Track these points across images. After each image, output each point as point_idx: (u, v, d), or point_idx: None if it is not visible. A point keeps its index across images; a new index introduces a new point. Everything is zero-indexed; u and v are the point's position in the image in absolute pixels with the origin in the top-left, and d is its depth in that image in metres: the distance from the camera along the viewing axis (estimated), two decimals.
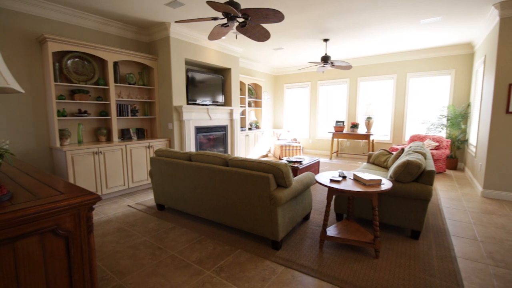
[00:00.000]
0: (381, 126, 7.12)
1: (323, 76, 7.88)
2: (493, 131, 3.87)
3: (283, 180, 2.38)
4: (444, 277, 2.05)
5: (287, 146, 7.13)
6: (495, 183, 3.92)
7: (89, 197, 1.28)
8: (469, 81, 5.85)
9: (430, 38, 5.29)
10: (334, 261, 2.27)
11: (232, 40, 5.35)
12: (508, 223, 3.04)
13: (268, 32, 3.34)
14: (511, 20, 3.64)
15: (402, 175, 2.58)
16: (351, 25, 4.48)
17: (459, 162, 5.98)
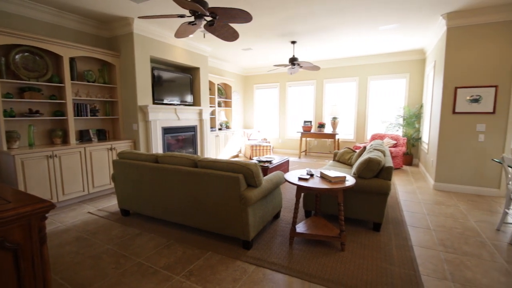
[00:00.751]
0: (345, 126, 7.49)
1: (292, 77, 8.08)
2: (442, 129, 4.28)
3: (253, 180, 2.39)
4: (403, 264, 2.22)
5: (257, 146, 7.19)
6: (445, 177, 4.34)
7: (40, 205, 1.17)
8: (421, 84, 6.40)
9: (388, 44, 5.69)
10: (303, 256, 2.34)
11: (201, 39, 5.25)
12: (455, 213, 3.39)
13: (237, 32, 3.34)
14: (457, 29, 4.06)
15: (364, 172, 2.75)
16: (317, 29, 4.65)
17: (414, 158, 6.52)
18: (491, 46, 3.88)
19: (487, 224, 3.03)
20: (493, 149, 3.99)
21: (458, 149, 4.19)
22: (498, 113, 3.92)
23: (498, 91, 3.89)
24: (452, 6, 3.70)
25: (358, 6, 3.67)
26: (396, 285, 1.96)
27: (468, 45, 4.01)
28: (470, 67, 4.02)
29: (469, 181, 4.18)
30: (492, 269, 2.18)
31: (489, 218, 3.21)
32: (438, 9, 3.81)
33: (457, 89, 4.10)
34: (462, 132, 4.14)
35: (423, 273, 2.12)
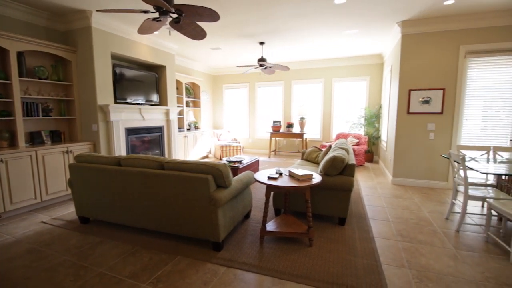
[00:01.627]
0: (313, 125, 7.76)
1: (261, 78, 8.16)
2: (398, 128, 4.64)
3: (222, 181, 2.37)
4: (365, 255, 2.36)
5: (227, 146, 7.14)
6: (401, 172, 4.70)
7: None
8: (380, 87, 6.87)
9: (351, 48, 6.01)
10: (273, 254, 2.37)
11: (167, 36, 5.07)
12: (411, 205, 3.69)
13: (204, 31, 3.28)
14: (410, 36, 4.42)
15: (330, 169, 2.88)
16: (284, 31, 4.75)
17: (374, 156, 6.97)
18: (439, 52, 4.29)
19: (438, 214, 3.35)
20: (442, 146, 4.41)
21: (412, 146, 4.57)
22: (445, 113, 4.35)
23: (445, 94, 4.31)
24: (406, 15, 4.02)
25: (322, 11, 3.83)
26: (359, 275, 2.07)
27: (420, 51, 4.39)
28: (422, 71, 4.41)
29: (422, 175, 4.58)
30: (443, 254, 2.41)
31: (439, 208, 3.55)
32: (394, 17, 4.12)
33: (411, 92, 4.47)
34: (416, 131, 4.52)
35: (384, 262, 2.28)
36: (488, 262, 2.28)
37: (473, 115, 4.28)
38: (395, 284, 1.99)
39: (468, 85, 4.24)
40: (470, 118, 4.30)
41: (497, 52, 4.05)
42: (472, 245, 2.57)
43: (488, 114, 4.21)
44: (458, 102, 4.26)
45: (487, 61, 4.12)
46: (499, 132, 4.17)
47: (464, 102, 4.28)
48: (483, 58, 4.13)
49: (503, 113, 4.14)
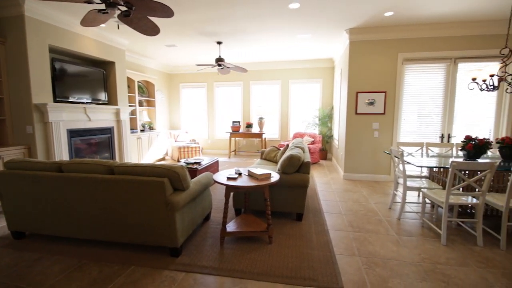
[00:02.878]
0: (271, 125, 7.95)
1: (219, 78, 8.08)
2: (348, 128, 5.00)
3: (180, 183, 2.29)
4: (321, 248, 2.50)
5: (185, 148, 6.92)
6: (351, 168, 5.09)
7: None
8: (332, 89, 7.34)
9: (305, 52, 6.30)
10: (234, 254, 2.37)
11: (115, 30, 4.71)
12: (360, 198, 4.01)
13: (157, 27, 3.13)
14: (357, 43, 4.80)
15: (287, 168, 2.98)
16: (241, 31, 4.78)
17: (328, 153, 7.42)
18: (381, 59, 4.74)
19: (382, 205, 3.70)
20: (385, 143, 4.89)
21: (360, 144, 4.98)
22: (387, 113, 4.82)
23: (386, 96, 4.79)
24: (352, 23, 4.36)
25: (277, 14, 3.94)
26: (315, 267, 2.19)
27: (365, 57, 4.80)
28: (367, 75, 4.82)
29: (369, 170, 5.02)
30: (387, 241, 2.67)
31: (384, 199, 3.93)
32: (342, 25, 4.43)
33: (358, 94, 4.86)
34: (363, 130, 4.94)
35: (337, 253, 2.44)
36: (424, 244, 2.60)
37: (410, 115, 4.84)
38: (347, 271, 2.15)
39: (405, 88, 4.77)
40: (407, 118, 4.85)
41: (429, 60, 4.63)
42: (411, 230, 2.90)
43: (422, 114, 4.79)
44: (397, 104, 4.76)
45: (421, 67, 4.69)
46: (431, 130, 4.78)
47: (402, 103, 4.81)
48: (418, 65, 4.69)
49: (434, 114, 4.75)
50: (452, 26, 4.37)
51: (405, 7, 3.69)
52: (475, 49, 4.42)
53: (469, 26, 4.33)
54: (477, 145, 3.01)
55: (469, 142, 3.07)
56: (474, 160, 2.97)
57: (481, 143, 3.00)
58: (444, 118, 4.70)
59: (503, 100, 4.50)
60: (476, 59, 4.48)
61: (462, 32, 4.41)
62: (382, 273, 2.13)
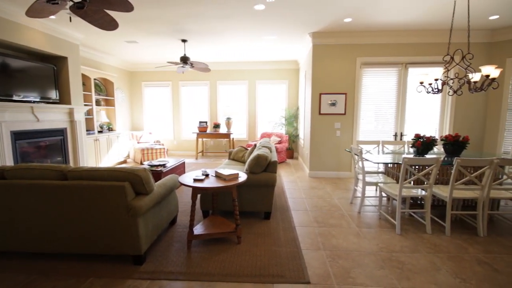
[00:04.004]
0: (239, 125, 7.95)
1: (185, 77, 7.86)
2: (312, 127, 5.20)
3: (142, 187, 2.18)
4: (288, 244, 2.56)
5: (149, 149, 6.61)
6: (316, 166, 5.30)
7: None
8: (297, 90, 7.57)
9: (271, 53, 6.41)
10: (202, 257, 2.32)
11: (68, 23, 4.33)
12: (324, 194, 4.20)
13: (115, 21, 2.94)
14: (320, 46, 5.01)
15: (255, 167, 3.00)
16: (206, 30, 4.70)
17: (294, 152, 7.64)
18: (342, 62, 5.01)
19: (344, 200, 3.91)
20: (346, 141, 5.18)
21: (324, 143, 5.21)
22: (347, 114, 5.11)
23: (347, 97, 5.07)
24: (315, 27, 4.54)
25: (243, 15, 3.95)
26: (283, 263, 2.24)
27: (327, 60, 5.03)
28: (329, 78, 5.06)
29: (332, 167, 5.27)
30: (349, 234, 2.83)
31: (346, 195, 4.16)
32: (306, 28, 4.59)
33: (321, 95, 5.08)
34: (326, 129, 5.17)
35: (303, 248, 2.52)
36: (381, 235, 2.80)
37: (368, 116, 5.18)
38: (312, 265, 2.23)
39: (363, 90, 5.10)
40: (365, 118, 5.19)
41: (384, 64, 5.01)
42: (370, 223, 3.11)
43: (378, 114, 5.17)
44: (357, 105, 5.07)
45: (377, 71, 5.05)
46: (387, 129, 5.18)
47: (361, 104, 5.13)
48: (374, 69, 5.04)
49: (389, 114, 5.15)
50: (404, 34, 4.78)
51: (362, 14, 3.95)
52: (423, 56, 4.89)
53: (418, 35, 4.78)
54: (425, 142, 3.33)
55: (418, 140, 3.39)
56: (422, 156, 3.28)
57: (428, 140, 3.33)
58: (397, 118, 5.12)
59: (446, 102, 5.05)
60: (423, 65, 4.96)
61: (412, 40, 4.84)
62: (345, 265, 2.25)
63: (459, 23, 4.31)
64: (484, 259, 2.34)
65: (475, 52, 4.83)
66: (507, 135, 4.72)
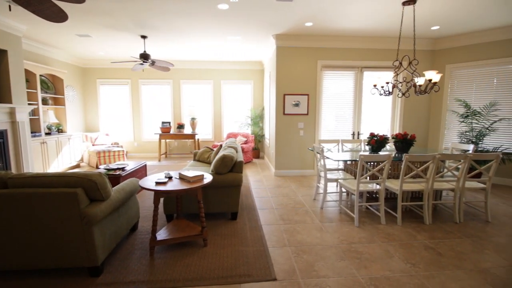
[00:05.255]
0: (204, 126, 7.80)
1: (145, 75, 7.48)
2: (277, 127, 5.32)
3: (98, 193, 2.02)
4: (255, 243, 2.58)
5: (106, 152, 6.16)
6: (281, 165, 5.42)
7: None
8: (262, 90, 7.67)
9: (236, 53, 6.40)
10: (166, 264, 2.23)
11: (7, 12, 3.84)
12: (289, 192, 4.31)
13: (64, 12, 2.69)
14: (283, 49, 5.13)
15: (220, 168, 2.97)
16: (169, 28, 4.53)
17: (260, 152, 7.73)
18: (304, 64, 5.20)
19: (308, 197, 4.06)
20: (309, 141, 5.39)
21: (289, 142, 5.36)
22: (310, 114, 5.32)
23: (309, 98, 5.28)
24: (278, 29, 4.64)
25: (206, 13, 3.88)
26: (250, 262, 2.25)
27: (291, 62, 5.17)
28: (293, 79, 5.22)
29: (297, 166, 5.44)
30: (312, 229, 2.95)
31: (309, 192, 4.32)
32: (269, 30, 4.67)
33: (285, 96, 5.22)
34: (290, 129, 5.32)
35: (270, 246, 2.56)
36: (341, 228, 2.96)
37: (329, 116, 5.45)
38: (278, 262, 2.28)
39: (324, 92, 5.35)
40: (326, 118, 5.45)
41: (342, 68, 5.31)
42: (331, 217, 3.28)
43: (338, 115, 5.46)
44: (318, 105, 5.31)
45: (336, 74, 5.34)
46: (346, 128, 5.50)
47: (322, 105, 5.38)
48: (333, 71, 5.32)
49: (347, 114, 5.47)
50: (359, 40, 5.12)
51: (321, 20, 4.14)
52: (376, 61, 5.29)
53: (372, 41, 5.16)
54: (378, 140, 3.61)
55: (373, 138, 3.65)
56: (376, 153, 3.55)
57: (381, 139, 3.61)
58: (355, 118, 5.47)
59: (396, 103, 5.52)
60: (376, 69, 5.37)
61: (367, 46, 5.21)
62: (309, 259, 2.34)
63: (406, 32, 4.75)
64: (430, 245, 2.61)
65: (420, 59, 5.37)
66: (447, 133, 5.33)
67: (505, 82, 4.63)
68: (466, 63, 4.98)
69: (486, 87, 4.82)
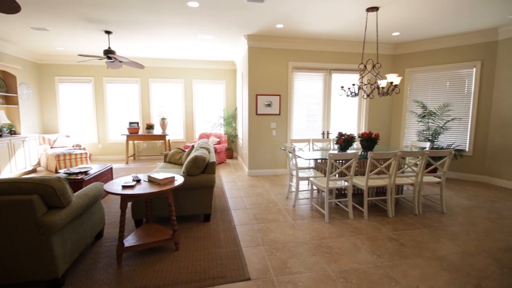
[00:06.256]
0: (175, 126, 7.58)
1: (110, 73, 7.07)
2: (250, 127, 5.34)
3: (57, 199, 1.87)
4: (228, 244, 2.57)
5: (66, 155, 5.73)
6: (255, 164, 5.45)
7: None
8: (235, 90, 7.64)
9: (208, 52, 6.30)
10: (135, 271, 2.13)
11: None
12: (262, 191, 4.35)
13: (17, 3, 2.45)
14: (255, 49, 5.15)
15: (192, 169, 2.91)
16: (135, 23, 4.33)
17: (234, 152, 7.71)
18: (276, 65, 5.27)
19: (281, 195, 4.13)
20: (281, 140, 5.48)
21: (261, 142, 5.41)
22: (282, 114, 5.41)
23: (281, 99, 5.37)
24: (249, 30, 4.65)
25: (176, 11, 3.77)
26: (224, 264, 2.24)
27: (263, 63, 5.22)
28: (265, 79, 5.27)
29: (269, 165, 5.51)
30: (285, 227, 3.00)
31: (282, 190, 4.39)
32: (241, 30, 4.67)
33: (258, 96, 5.25)
34: (263, 129, 5.37)
35: (243, 246, 2.56)
36: (313, 225, 3.06)
37: (300, 116, 5.59)
38: (252, 261, 2.29)
39: (295, 93, 5.48)
40: (298, 118, 5.58)
41: (312, 70, 5.47)
42: (303, 214, 3.37)
43: (309, 115, 5.62)
44: (290, 106, 5.42)
45: (306, 75, 5.49)
46: (316, 128, 5.68)
47: (294, 105, 5.51)
48: (304, 73, 5.46)
49: (318, 115, 5.65)
50: (328, 43, 5.32)
51: (292, 22, 4.23)
52: (344, 63, 5.53)
53: (340, 45, 5.38)
54: (346, 139, 3.78)
55: (341, 138, 3.82)
56: (344, 151, 3.72)
57: (348, 138, 3.79)
58: (324, 118, 5.67)
59: (361, 104, 5.82)
60: (344, 71, 5.61)
61: (335, 49, 5.43)
62: (282, 256, 2.38)
63: (371, 37, 5.03)
64: (393, 236, 2.79)
65: (383, 62, 5.72)
66: (407, 132, 5.73)
67: (456, 85, 5.10)
68: (423, 67, 5.40)
69: (440, 90, 5.27)
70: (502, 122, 4.65)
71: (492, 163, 4.83)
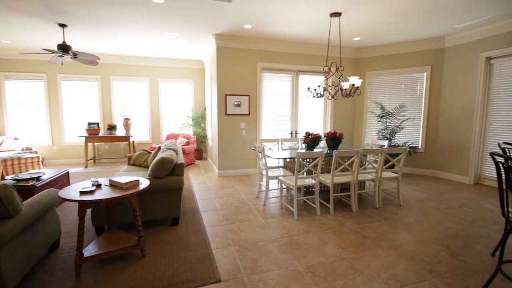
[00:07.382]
0: (140, 127, 7.23)
1: (66, 69, 6.52)
2: (220, 127, 5.28)
3: (3, 209, 1.68)
4: (198, 247, 2.52)
5: (15, 159, 5.16)
6: (225, 165, 5.41)
7: None
8: (203, 90, 7.51)
9: (175, 50, 6.10)
10: (96, 282, 1.99)
11: None
12: (233, 192, 4.33)
13: None
14: (223, 49, 5.11)
15: (159, 171, 2.80)
16: (94, 17, 4.04)
17: (203, 153, 7.57)
18: (245, 65, 5.28)
19: (251, 195, 4.15)
20: (251, 140, 5.51)
21: (231, 142, 5.38)
22: (251, 114, 5.44)
23: (250, 99, 5.39)
24: (217, 29, 4.61)
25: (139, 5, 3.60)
26: (194, 267, 2.19)
27: (231, 62, 5.20)
28: (234, 80, 5.25)
29: (240, 165, 5.51)
30: (256, 226, 3.03)
31: (252, 190, 4.42)
32: (209, 29, 4.60)
33: (227, 96, 5.22)
34: (232, 129, 5.35)
35: (214, 248, 2.53)
36: (282, 223, 3.12)
37: (269, 116, 5.67)
38: (223, 263, 2.27)
39: (264, 93, 5.55)
40: (267, 118, 5.66)
41: (280, 71, 5.58)
42: (273, 213, 3.42)
43: (278, 115, 5.73)
44: (259, 106, 5.47)
45: (275, 76, 5.58)
46: (285, 128, 5.80)
47: (263, 106, 5.57)
48: (272, 74, 5.55)
49: (286, 115, 5.78)
50: (295, 45, 5.47)
51: (260, 22, 4.28)
52: (310, 65, 5.72)
53: (306, 47, 5.56)
54: (313, 139, 3.91)
55: (308, 137, 3.95)
56: (311, 150, 3.85)
57: (315, 137, 3.93)
58: (293, 118, 5.82)
59: (327, 105, 6.08)
60: (310, 73, 5.81)
61: (301, 51, 5.59)
62: (253, 255, 2.39)
63: (335, 40, 5.27)
64: (356, 229, 2.95)
65: (346, 65, 6.03)
66: (368, 131, 6.11)
67: (410, 88, 5.56)
68: (381, 70, 5.80)
69: (396, 92, 5.70)
70: (450, 121, 5.17)
71: (441, 159, 5.36)
